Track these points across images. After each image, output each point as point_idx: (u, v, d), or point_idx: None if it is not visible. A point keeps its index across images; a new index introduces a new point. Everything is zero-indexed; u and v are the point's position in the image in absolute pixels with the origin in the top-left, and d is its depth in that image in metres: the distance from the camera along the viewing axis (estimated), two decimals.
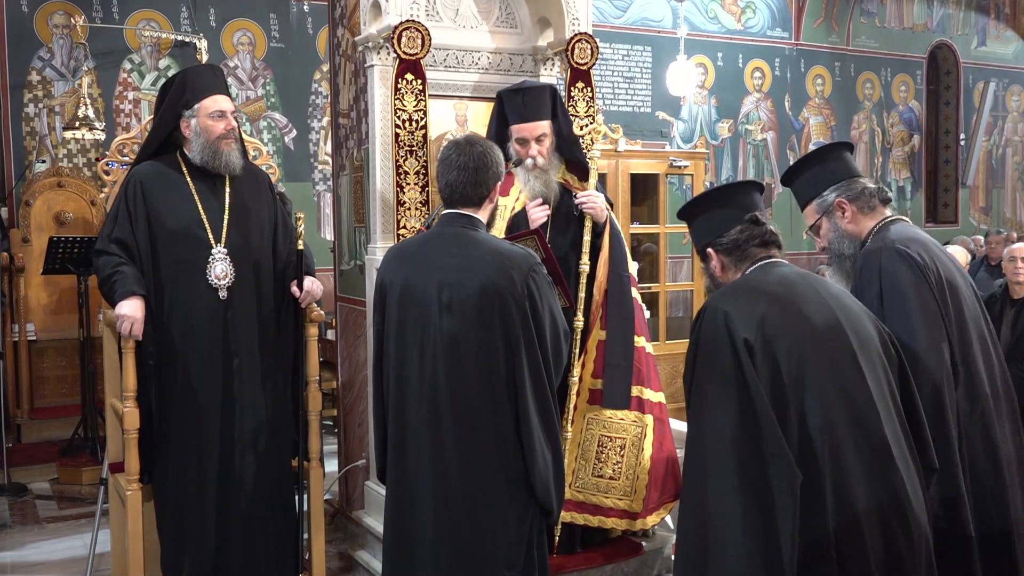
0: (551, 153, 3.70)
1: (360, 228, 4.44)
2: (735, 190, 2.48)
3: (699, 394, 2.19)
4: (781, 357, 2.12)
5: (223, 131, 3.44)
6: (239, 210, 3.52)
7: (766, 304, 2.19)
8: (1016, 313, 5.49)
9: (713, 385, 2.15)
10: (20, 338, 6.99)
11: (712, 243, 2.42)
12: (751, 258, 2.37)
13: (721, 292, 2.33)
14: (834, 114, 11.55)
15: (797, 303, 2.21)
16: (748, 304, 2.19)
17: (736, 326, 2.14)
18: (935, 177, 12.83)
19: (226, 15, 8.30)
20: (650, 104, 10.11)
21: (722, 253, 2.40)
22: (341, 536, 4.64)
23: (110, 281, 3.30)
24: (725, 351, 2.13)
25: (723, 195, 2.48)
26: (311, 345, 3.63)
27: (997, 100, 13.00)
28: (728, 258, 2.39)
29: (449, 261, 2.77)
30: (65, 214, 7.32)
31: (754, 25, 10.84)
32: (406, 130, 3.88)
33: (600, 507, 3.69)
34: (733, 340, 2.13)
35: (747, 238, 2.37)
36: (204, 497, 3.40)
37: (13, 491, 5.78)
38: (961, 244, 7.93)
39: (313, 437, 3.67)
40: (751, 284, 2.31)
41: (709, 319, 2.21)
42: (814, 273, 2.51)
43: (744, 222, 2.37)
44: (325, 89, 8.52)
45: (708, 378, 2.17)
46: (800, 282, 2.29)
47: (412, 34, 3.84)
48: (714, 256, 2.42)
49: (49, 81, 7.66)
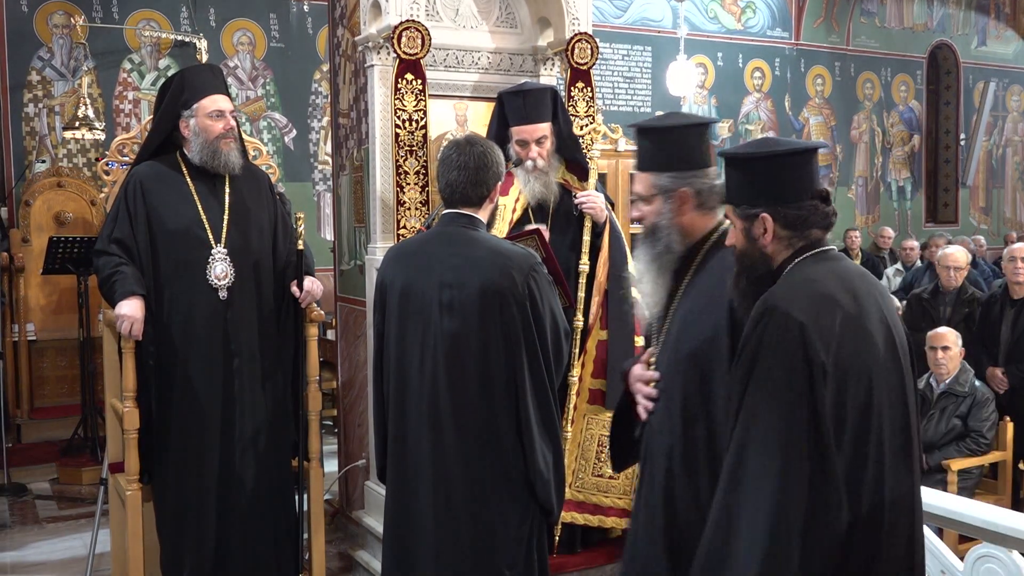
0: (551, 154, 3.70)
1: (360, 228, 4.44)
2: (811, 155, 2.14)
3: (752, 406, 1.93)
4: (850, 386, 1.92)
5: (222, 131, 3.43)
6: (239, 210, 3.52)
7: (841, 322, 1.95)
8: (1016, 313, 5.50)
9: (775, 404, 1.91)
10: (20, 338, 6.99)
11: (774, 209, 2.08)
12: (808, 239, 2.09)
13: (791, 294, 1.99)
14: (834, 114, 11.55)
15: (864, 321, 1.99)
16: (826, 319, 1.94)
17: (814, 346, 1.89)
18: (935, 177, 12.83)
19: (226, 15, 8.30)
20: (650, 104, 10.10)
21: (780, 223, 2.08)
22: (341, 536, 4.64)
23: (110, 281, 3.30)
24: (799, 374, 1.89)
25: (798, 157, 2.11)
26: (311, 345, 3.62)
27: (997, 100, 13.00)
28: (785, 231, 2.08)
29: (449, 261, 2.77)
30: (65, 214, 7.32)
31: (754, 25, 10.84)
32: (406, 130, 3.88)
33: (600, 507, 3.69)
34: (810, 363, 1.89)
35: (814, 216, 2.08)
36: (204, 497, 3.40)
37: (13, 491, 5.78)
38: (961, 244, 7.91)
39: (313, 437, 3.67)
40: (822, 290, 2.00)
41: (780, 327, 1.92)
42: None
43: (814, 196, 2.09)
44: (325, 89, 8.51)
45: (769, 393, 1.92)
46: (861, 288, 2.05)
47: (412, 34, 3.84)
48: (769, 222, 2.08)
49: (49, 81, 7.66)
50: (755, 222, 2.10)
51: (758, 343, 1.94)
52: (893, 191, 12.12)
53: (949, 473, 4.65)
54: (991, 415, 4.87)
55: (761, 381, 1.92)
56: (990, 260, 9.95)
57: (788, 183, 2.09)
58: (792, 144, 2.20)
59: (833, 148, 11.56)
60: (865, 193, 11.87)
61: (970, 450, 4.81)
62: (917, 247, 9.46)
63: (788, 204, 2.08)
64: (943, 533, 3.32)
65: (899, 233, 11.39)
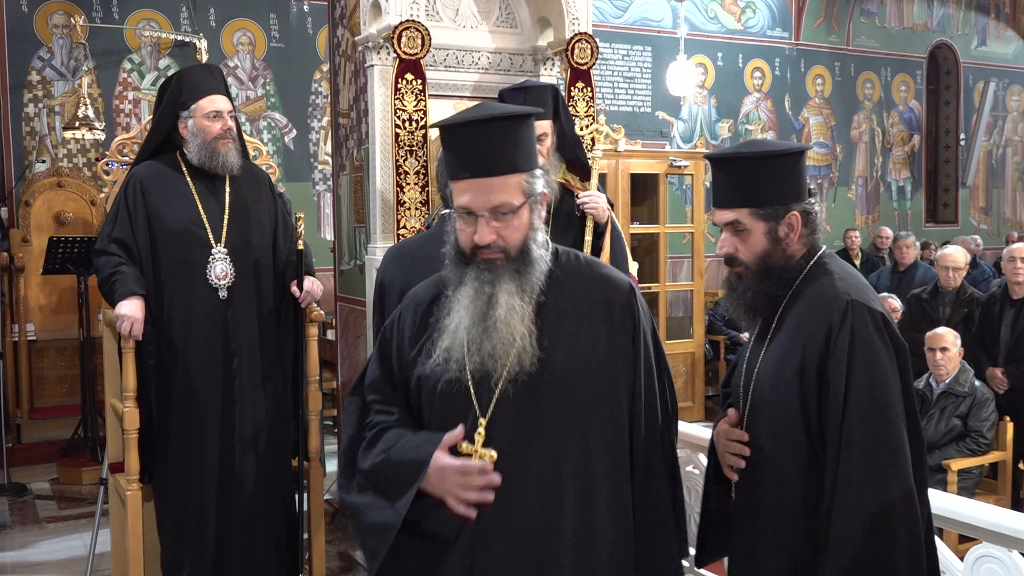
0: (551, 153, 3.70)
1: (360, 228, 4.44)
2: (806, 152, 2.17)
3: (865, 400, 1.92)
4: (911, 372, 2.01)
5: (219, 131, 3.43)
6: (239, 210, 3.52)
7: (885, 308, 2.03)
8: (1016, 313, 5.49)
9: (884, 394, 1.93)
10: (20, 338, 7.00)
11: (801, 206, 2.06)
12: (816, 233, 2.11)
13: (854, 288, 2.00)
14: (834, 114, 11.55)
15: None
16: (884, 308, 2.01)
17: (896, 333, 1.97)
18: (935, 177, 12.83)
19: (226, 15, 8.30)
20: (650, 104, 10.10)
21: (803, 219, 2.06)
22: (341, 536, 4.64)
23: (110, 281, 3.30)
24: (893, 362, 1.95)
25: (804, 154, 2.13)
26: (311, 345, 3.63)
27: (997, 100, 13.00)
28: (806, 228, 2.07)
29: None
30: (65, 214, 7.32)
31: (754, 25, 10.84)
32: (406, 130, 3.88)
33: None
34: (899, 350, 1.96)
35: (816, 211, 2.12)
36: (204, 497, 3.40)
37: (13, 491, 5.78)
38: (961, 244, 7.90)
39: (313, 437, 3.67)
40: (866, 283, 2.08)
41: (867, 320, 1.94)
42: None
43: (811, 193, 2.16)
44: (325, 89, 8.52)
45: (879, 386, 1.93)
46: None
47: (412, 34, 3.84)
48: (798, 219, 2.05)
49: (49, 81, 7.67)
50: (781, 222, 2.05)
51: (850, 339, 1.92)
52: (893, 191, 12.12)
53: (949, 473, 4.65)
54: (991, 415, 4.88)
55: (865, 376, 1.91)
56: (989, 260, 9.95)
57: (804, 180, 2.11)
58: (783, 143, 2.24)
59: (833, 148, 11.56)
60: (865, 193, 11.87)
61: (970, 450, 4.82)
62: (917, 247, 9.44)
63: (806, 201, 2.08)
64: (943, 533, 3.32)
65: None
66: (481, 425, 1.84)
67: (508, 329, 1.83)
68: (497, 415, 1.85)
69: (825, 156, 11.46)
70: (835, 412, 1.92)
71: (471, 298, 1.85)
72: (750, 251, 2.07)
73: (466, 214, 1.84)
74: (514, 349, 1.83)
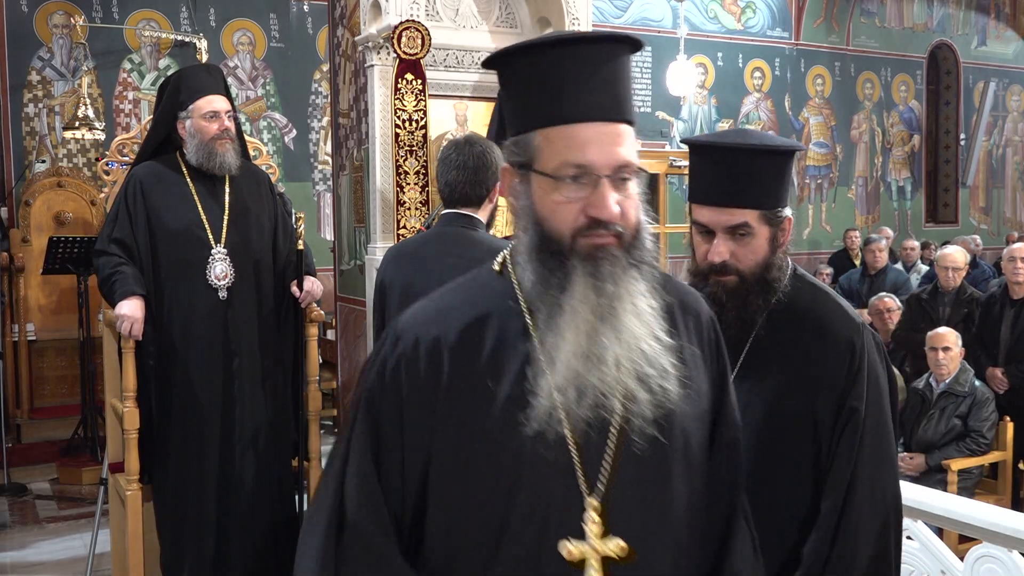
0: None
1: (360, 228, 4.44)
2: None
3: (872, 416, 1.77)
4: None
5: (217, 132, 3.42)
6: (239, 210, 3.52)
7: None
8: (1016, 313, 5.49)
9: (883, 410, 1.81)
10: (20, 338, 7.00)
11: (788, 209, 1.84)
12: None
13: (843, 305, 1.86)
14: (834, 114, 11.55)
15: None
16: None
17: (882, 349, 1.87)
18: (935, 177, 12.83)
19: (226, 15, 8.30)
20: (650, 104, 10.11)
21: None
22: None
23: (110, 281, 3.30)
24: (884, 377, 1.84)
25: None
26: (311, 345, 3.63)
27: (997, 100, 13.00)
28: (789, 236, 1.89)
29: (449, 261, 2.77)
30: (65, 214, 7.33)
31: (754, 25, 10.84)
32: (406, 130, 3.89)
33: None
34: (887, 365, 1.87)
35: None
36: (204, 497, 3.40)
37: (13, 491, 5.78)
38: (961, 244, 7.89)
39: (313, 437, 3.67)
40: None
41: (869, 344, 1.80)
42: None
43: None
44: (325, 89, 8.52)
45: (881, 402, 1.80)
46: None
47: (412, 34, 3.84)
48: (790, 224, 1.81)
49: (49, 81, 7.67)
50: (780, 227, 1.79)
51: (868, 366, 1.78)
52: (893, 191, 12.12)
53: (949, 473, 4.65)
54: (991, 415, 4.88)
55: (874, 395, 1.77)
56: (989, 260, 9.95)
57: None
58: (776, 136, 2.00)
59: (833, 148, 11.56)
60: (865, 193, 11.87)
61: (970, 450, 4.82)
62: (917, 247, 9.46)
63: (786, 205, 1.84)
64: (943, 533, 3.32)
65: (899, 233, 11.40)
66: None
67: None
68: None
69: (825, 156, 11.46)
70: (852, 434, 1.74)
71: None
72: (751, 259, 1.76)
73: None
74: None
